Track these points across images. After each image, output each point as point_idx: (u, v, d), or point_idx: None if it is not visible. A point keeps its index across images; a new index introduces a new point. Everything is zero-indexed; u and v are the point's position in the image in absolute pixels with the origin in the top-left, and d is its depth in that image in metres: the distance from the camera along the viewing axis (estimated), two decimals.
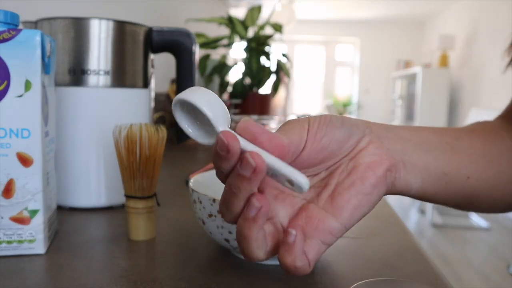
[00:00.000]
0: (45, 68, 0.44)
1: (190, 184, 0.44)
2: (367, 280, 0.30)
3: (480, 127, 0.42)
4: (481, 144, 0.39)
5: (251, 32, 1.77)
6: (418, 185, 0.34)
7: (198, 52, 0.69)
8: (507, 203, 0.42)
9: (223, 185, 0.30)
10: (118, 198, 0.60)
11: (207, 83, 1.69)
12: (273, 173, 0.28)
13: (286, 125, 0.31)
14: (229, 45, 1.75)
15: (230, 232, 0.40)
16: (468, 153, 0.37)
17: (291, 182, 0.28)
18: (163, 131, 0.47)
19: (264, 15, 2.45)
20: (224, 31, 2.56)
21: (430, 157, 0.34)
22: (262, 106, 1.64)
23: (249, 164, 0.26)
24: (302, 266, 0.29)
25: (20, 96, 0.42)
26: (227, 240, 0.41)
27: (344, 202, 0.30)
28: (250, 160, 0.26)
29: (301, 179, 0.28)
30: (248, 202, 0.28)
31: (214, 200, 0.40)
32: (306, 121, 0.31)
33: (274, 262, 0.42)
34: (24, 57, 0.41)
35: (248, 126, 0.28)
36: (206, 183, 0.47)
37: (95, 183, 0.59)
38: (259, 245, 0.29)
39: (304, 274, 0.29)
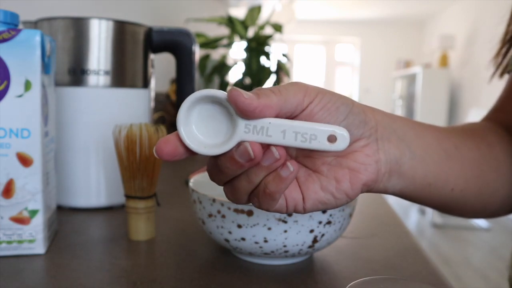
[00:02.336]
0: (45, 68, 0.44)
1: (190, 184, 0.44)
2: (365, 278, 0.30)
3: (476, 132, 0.41)
4: (475, 155, 0.38)
5: (251, 32, 1.76)
6: (396, 189, 0.33)
7: (198, 52, 0.69)
8: (488, 212, 0.41)
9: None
10: (118, 198, 0.60)
11: (207, 83, 1.69)
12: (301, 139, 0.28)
13: (293, 86, 0.28)
14: (229, 45, 1.75)
15: (230, 232, 0.40)
16: (461, 164, 0.36)
17: (330, 139, 0.28)
18: (163, 131, 0.47)
19: (264, 15, 2.46)
20: (224, 31, 2.56)
21: (422, 167, 0.33)
22: None
23: (248, 153, 0.26)
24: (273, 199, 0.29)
25: (20, 96, 0.42)
26: (227, 240, 0.41)
27: (311, 192, 0.30)
28: (249, 150, 0.26)
29: (341, 129, 0.28)
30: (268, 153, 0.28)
31: (214, 200, 0.39)
32: (315, 93, 0.28)
33: (274, 262, 0.42)
34: (24, 57, 0.41)
35: (237, 99, 0.26)
36: (206, 183, 0.47)
37: (95, 183, 0.59)
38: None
39: (266, 206, 0.29)
